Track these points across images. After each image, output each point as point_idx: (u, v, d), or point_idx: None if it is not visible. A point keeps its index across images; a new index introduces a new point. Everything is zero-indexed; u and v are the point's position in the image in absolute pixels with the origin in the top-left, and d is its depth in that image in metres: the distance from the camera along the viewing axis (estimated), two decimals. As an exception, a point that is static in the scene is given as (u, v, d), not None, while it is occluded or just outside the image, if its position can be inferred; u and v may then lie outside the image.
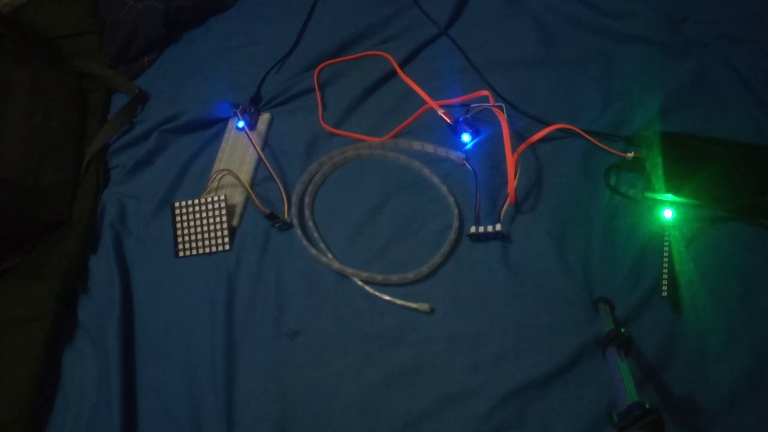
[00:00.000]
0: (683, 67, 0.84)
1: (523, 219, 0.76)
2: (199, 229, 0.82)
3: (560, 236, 0.74)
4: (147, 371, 0.75)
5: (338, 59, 0.95)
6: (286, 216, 0.81)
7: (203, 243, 0.82)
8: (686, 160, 0.74)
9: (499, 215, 0.75)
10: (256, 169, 0.87)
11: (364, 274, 0.75)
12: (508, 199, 0.75)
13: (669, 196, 0.73)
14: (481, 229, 0.74)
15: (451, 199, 0.79)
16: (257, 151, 0.85)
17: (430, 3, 0.97)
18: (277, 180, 0.83)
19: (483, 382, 0.67)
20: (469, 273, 0.74)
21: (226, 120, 0.92)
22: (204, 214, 0.82)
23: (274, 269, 0.79)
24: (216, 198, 0.83)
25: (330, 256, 0.78)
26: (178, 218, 0.83)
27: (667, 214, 0.71)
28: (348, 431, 0.68)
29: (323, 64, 0.94)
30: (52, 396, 0.75)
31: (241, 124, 0.87)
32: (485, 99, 0.81)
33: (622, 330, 0.61)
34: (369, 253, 0.78)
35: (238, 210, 0.84)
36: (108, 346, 0.75)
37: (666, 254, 0.69)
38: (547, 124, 0.80)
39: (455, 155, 0.81)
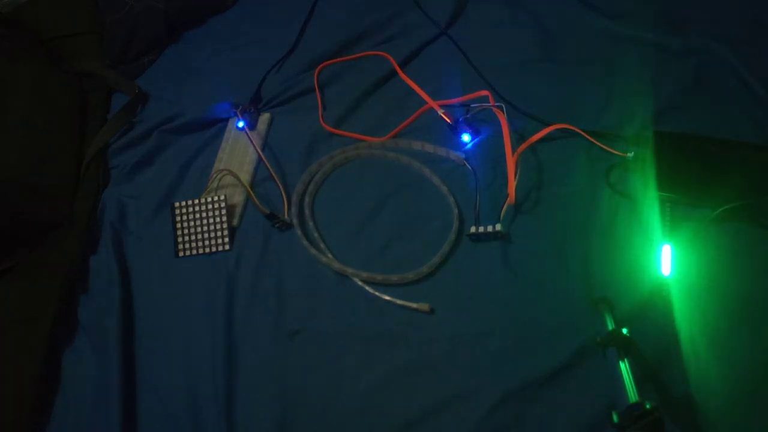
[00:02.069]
0: (683, 67, 0.84)
1: (523, 219, 0.76)
2: (199, 229, 0.82)
3: (560, 236, 0.74)
4: (147, 371, 0.75)
5: (338, 59, 0.95)
6: (286, 216, 0.81)
7: (203, 243, 0.82)
8: (686, 160, 0.75)
9: (499, 215, 0.75)
10: (256, 169, 0.87)
11: (364, 274, 0.75)
12: (508, 199, 0.75)
13: (669, 196, 0.73)
14: (481, 229, 0.74)
15: (451, 199, 0.79)
16: (257, 151, 0.86)
17: (430, 3, 0.97)
18: (277, 180, 0.83)
19: (483, 382, 0.67)
20: (469, 273, 0.74)
21: (226, 120, 0.92)
22: (204, 214, 0.82)
23: (274, 269, 0.79)
24: (216, 198, 0.83)
25: (330, 256, 0.78)
26: (178, 218, 0.83)
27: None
28: (348, 431, 0.68)
29: (323, 64, 0.94)
30: (52, 396, 0.74)
31: (241, 124, 0.87)
32: (485, 99, 0.81)
33: (623, 330, 0.61)
34: (369, 253, 0.78)
35: (238, 210, 0.84)
36: (108, 346, 0.74)
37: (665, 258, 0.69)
38: (547, 124, 0.80)
39: (455, 155, 0.81)
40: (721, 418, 0.62)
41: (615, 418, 0.53)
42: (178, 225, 0.83)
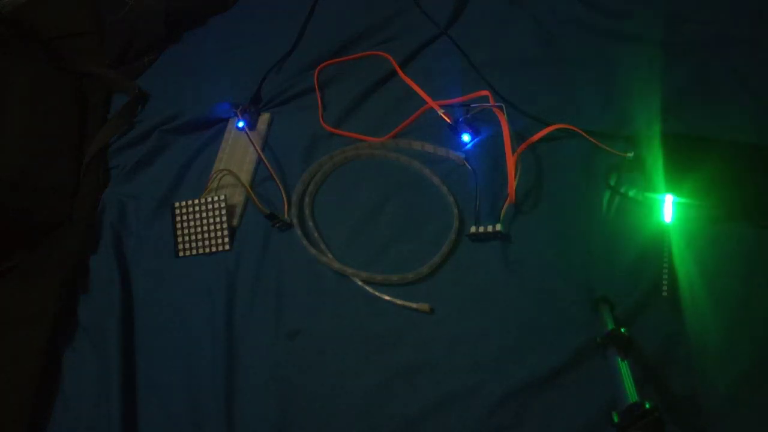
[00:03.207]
0: (683, 67, 0.84)
1: (523, 219, 0.76)
2: (199, 229, 0.82)
3: (560, 236, 0.74)
4: (147, 371, 0.75)
5: (338, 59, 0.95)
6: (286, 216, 0.81)
7: (203, 243, 0.82)
8: (686, 159, 0.74)
9: (499, 215, 0.75)
10: (256, 169, 0.87)
11: (364, 274, 0.75)
12: (508, 199, 0.75)
13: (669, 196, 0.73)
14: (481, 229, 0.74)
15: (451, 199, 0.79)
16: (257, 151, 0.86)
17: (430, 3, 0.97)
18: (277, 180, 0.83)
19: (483, 382, 0.67)
20: (469, 273, 0.74)
21: (226, 120, 0.92)
22: (204, 214, 0.82)
23: (274, 269, 0.79)
24: (216, 198, 0.83)
25: (330, 256, 0.78)
26: (178, 218, 0.83)
27: (667, 216, 0.71)
28: (348, 431, 0.68)
29: (323, 64, 0.94)
30: (52, 396, 0.75)
31: (241, 124, 0.87)
32: (485, 99, 0.81)
33: (622, 330, 0.61)
34: (369, 253, 0.78)
35: (238, 210, 0.84)
36: (108, 346, 0.75)
37: (666, 257, 0.69)
38: (547, 124, 0.80)
39: (455, 155, 0.81)
40: (721, 418, 0.62)
41: (615, 418, 0.52)
42: (178, 225, 0.83)
